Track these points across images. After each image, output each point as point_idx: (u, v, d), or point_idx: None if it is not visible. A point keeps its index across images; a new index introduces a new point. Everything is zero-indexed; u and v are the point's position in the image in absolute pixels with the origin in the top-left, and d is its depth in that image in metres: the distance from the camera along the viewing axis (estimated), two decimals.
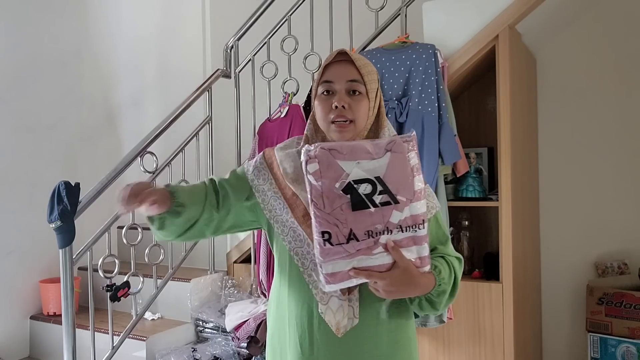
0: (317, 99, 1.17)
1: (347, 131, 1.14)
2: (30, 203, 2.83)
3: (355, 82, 1.14)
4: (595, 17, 2.84)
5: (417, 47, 2.33)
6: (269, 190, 1.20)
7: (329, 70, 1.16)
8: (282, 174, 1.19)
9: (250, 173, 1.24)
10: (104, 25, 3.36)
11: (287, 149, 1.23)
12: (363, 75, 1.14)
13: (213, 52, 4.19)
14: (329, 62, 1.17)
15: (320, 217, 0.98)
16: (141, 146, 2.44)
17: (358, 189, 0.97)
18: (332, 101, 1.14)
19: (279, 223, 1.19)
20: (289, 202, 1.17)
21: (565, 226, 2.90)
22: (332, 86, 1.15)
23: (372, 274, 1.00)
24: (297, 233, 1.16)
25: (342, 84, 1.14)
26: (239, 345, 2.52)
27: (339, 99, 1.13)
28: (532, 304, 2.74)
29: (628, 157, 2.77)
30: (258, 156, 1.26)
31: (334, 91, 1.15)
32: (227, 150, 3.52)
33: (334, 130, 1.14)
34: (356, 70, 1.14)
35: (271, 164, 1.23)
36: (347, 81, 1.14)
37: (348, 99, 1.13)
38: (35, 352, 2.81)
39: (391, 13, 2.59)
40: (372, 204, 0.97)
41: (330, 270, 0.99)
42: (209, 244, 2.95)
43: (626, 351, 2.48)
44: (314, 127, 1.22)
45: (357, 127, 1.14)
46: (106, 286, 2.27)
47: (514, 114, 2.33)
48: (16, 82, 2.83)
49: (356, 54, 1.18)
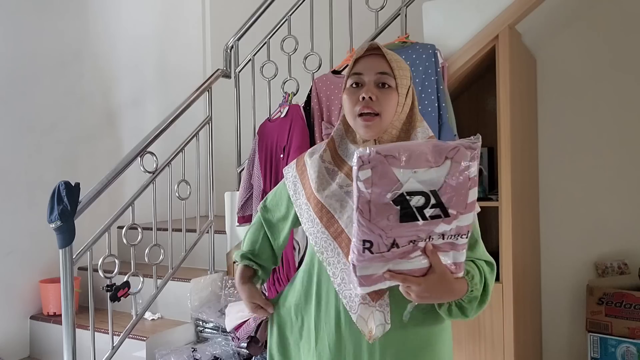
0: (346, 91, 1.15)
1: (374, 125, 1.10)
2: (30, 203, 2.83)
3: (385, 75, 1.11)
4: (595, 17, 2.84)
5: (417, 47, 2.33)
6: (303, 204, 1.21)
7: (359, 63, 1.13)
8: (309, 182, 1.20)
9: (289, 189, 1.28)
10: (104, 25, 3.36)
11: (313, 154, 1.23)
12: (394, 69, 1.11)
13: (213, 52, 4.20)
14: (360, 56, 1.14)
15: (365, 226, 0.90)
16: (141, 146, 2.44)
17: (410, 201, 0.89)
18: (360, 93, 1.11)
19: (309, 233, 1.19)
20: (315, 210, 1.16)
21: (565, 226, 2.90)
22: (361, 78, 1.12)
23: (407, 278, 0.96)
24: (327, 242, 1.14)
25: (372, 76, 1.11)
26: (239, 345, 2.52)
27: (367, 90, 1.10)
28: (532, 304, 2.74)
29: (628, 157, 2.77)
30: (292, 165, 1.29)
31: (362, 83, 1.12)
32: (227, 150, 3.52)
33: (360, 124, 1.11)
34: (387, 63, 1.11)
35: (302, 173, 1.24)
36: (376, 73, 1.11)
37: (376, 91, 1.10)
38: (35, 352, 2.81)
39: (391, 13, 2.59)
40: (422, 217, 0.90)
41: (364, 273, 0.94)
42: (209, 244, 2.95)
43: (626, 351, 2.48)
44: (344, 127, 1.20)
45: (384, 121, 1.11)
46: (106, 286, 2.27)
47: (514, 114, 2.33)
48: (16, 82, 2.83)
49: (388, 49, 1.15)
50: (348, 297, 1.10)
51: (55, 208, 2.01)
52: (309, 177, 1.20)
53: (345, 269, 1.10)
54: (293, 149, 2.57)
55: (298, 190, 1.24)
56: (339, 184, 1.15)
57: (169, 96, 3.66)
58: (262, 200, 2.62)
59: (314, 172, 1.19)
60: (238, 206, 2.79)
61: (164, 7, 3.86)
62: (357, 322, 1.09)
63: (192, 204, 2.84)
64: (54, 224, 2.02)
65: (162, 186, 2.63)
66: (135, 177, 2.76)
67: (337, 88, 2.59)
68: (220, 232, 2.99)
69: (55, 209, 2.01)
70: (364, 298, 1.07)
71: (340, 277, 1.11)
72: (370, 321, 1.08)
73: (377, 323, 1.07)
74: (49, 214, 2.03)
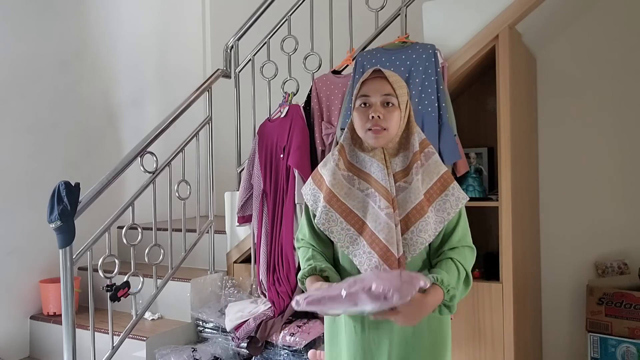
0: (356, 110, 1.37)
1: (382, 137, 1.34)
2: (30, 203, 2.83)
3: (389, 96, 1.34)
4: (595, 17, 2.84)
5: (417, 47, 2.33)
6: (322, 206, 1.39)
7: (365, 86, 1.36)
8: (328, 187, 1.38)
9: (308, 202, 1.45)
10: (103, 25, 3.36)
11: (327, 164, 1.43)
12: (395, 90, 1.34)
13: (213, 52, 4.20)
14: (366, 79, 1.37)
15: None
16: (141, 146, 2.44)
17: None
18: (369, 112, 1.33)
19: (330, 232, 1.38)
20: (339, 212, 1.36)
21: (565, 226, 2.90)
22: (369, 99, 1.34)
23: (386, 315, 1.19)
24: (352, 238, 1.35)
25: (378, 97, 1.34)
26: (239, 345, 2.52)
27: (375, 110, 1.33)
28: (532, 304, 2.74)
29: (628, 157, 2.77)
30: (309, 181, 1.47)
31: (370, 104, 1.34)
32: (227, 150, 3.52)
33: (371, 136, 1.34)
34: (390, 85, 1.34)
35: (320, 183, 1.43)
36: (382, 95, 1.34)
37: (383, 110, 1.33)
38: (35, 352, 2.81)
39: (391, 13, 2.59)
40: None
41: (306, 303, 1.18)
42: (209, 244, 2.95)
43: (626, 351, 2.48)
44: (351, 136, 1.42)
45: (390, 133, 1.34)
46: (106, 286, 2.27)
47: (514, 114, 2.33)
48: (16, 82, 2.83)
49: (388, 71, 1.38)
50: None
51: (55, 208, 2.01)
52: (327, 184, 1.39)
53: (370, 256, 1.30)
54: (293, 149, 2.57)
55: (317, 199, 1.42)
56: (359, 189, 1.37)
57: (169, 96, 3.66)
58: (262, 197, 2.62)
59: (332, 178, 1.38)
60: (238, 206, 2.79)
61: (164, 7, 3.86)
62: None
63: (192, 204, 2.84)
64: (54, 224, 2.02)
65: (162, 186, 2.63)
66: (135, 177, 2.76)
67: (337, 88, 2.59)
68: (220, 232, 2.99)
69: (55, 209, 2.01)
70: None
71: (366, 264, 1.31)
72: None
73: None
74: (49, 214, 2.03)
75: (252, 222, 2.77)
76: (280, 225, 2.61)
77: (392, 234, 1.29)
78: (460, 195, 1.37)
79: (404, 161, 1.37)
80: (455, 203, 1.36)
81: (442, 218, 1.34)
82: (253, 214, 2.74)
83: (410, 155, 1.36)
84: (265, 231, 2.66)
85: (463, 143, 2.37)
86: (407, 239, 1.31)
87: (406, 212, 1.32)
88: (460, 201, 1.37)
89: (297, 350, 2.38)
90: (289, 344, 2.38)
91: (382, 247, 1.29)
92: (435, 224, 1.33)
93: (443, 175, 1.38)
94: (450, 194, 1.36)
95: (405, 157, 1.37)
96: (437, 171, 1.38)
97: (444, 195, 1.35)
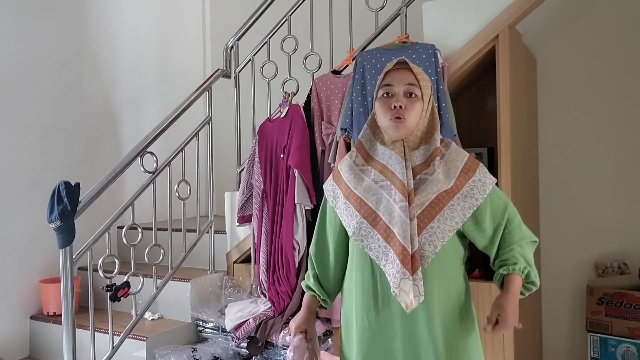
0: (378, 100, 1.36)
1: (402, 127, 1.32)
2: (30, 203, 2.83)
3: (412, 86, 1.33)
4: (595, 17, 2.84)
5: (417, 47, 2.33)
6: (342, 203, 1.40)
7: (389, 76, 1.35)
8: (345, 183, 1.41)
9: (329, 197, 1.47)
10: (103, 25, 3.36)
11: (344, 161, 1.44)
12: (419, 81, 1.33)
13: (213, 52, 4.20)
14: (389, 69, 1.36)
15: None
16: (141, 146, 2.44)
17: None
18: (391, 102, 1.32)
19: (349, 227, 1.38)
20: (354, 205, 1.37)
21: (565, 226, 2.90)
22: (392, 89, 1.34)
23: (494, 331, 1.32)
24: (367, 231, 1.34)
25: (401, 87, 1.33)
26: (239, 345, 2.52)
27: (397, 99, 1.32)
28: (532, 303, 2.74)
29: (628, 157, 2.77)
30: (329, 178, 1.49)
31: (393, 93, 1.34)
32: (227, 150, 3.52)
33: (391, 126, 1.33)
34: (413, 76, 1.33)
35: (338, 180, 1.44)
36: (405, 84, 1.33)
37: (405, 100, 1.32)
38: (35, 352, 2.81)
39: (391, 13, 2.59)
40: None
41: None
42: (209, 244, 2.95)
43: (626, 351, 2.48)
44: (372, 130, 1.42)
45: (411, 124, 1.33)
46: (106, 286, 2.27)
47: (514, 114, 2.33)
48: (16, 82, 2.83)
49: (413, 63, 1.37)
50: (391, 274, 1.29)
51: (55, 208, 2.01)
52: (344, 180, 1.41)
53: (385, 251, 1.31)
54: (293, 149, 2.57)
55: (337, 195, 1.44)
56: (374, 180, 1.36)
57: (169, 96, 3.66)
58: (262, 197, 2.61)
59: (348, 174, 1.40)
60: (238, 206, 2.79)
61: (164, 7, 3.86)
62: (400, 295, 1.27)
63: (192, 204, 2.84)
64: (54, 224, 2.01)
65: (162, 186, 2.63)
66: (135, 177, 2.76)
67: (337, 88, 2.59)
68: (220, 232, 2.99)
69: (55, 209, 2.01)
70: (404, 273, 1.27)
71: (384, 259, 1.31)
72: (411, 293, 1.26)
73: (414, 294, 1.27)
74: (49, 214, 2.03)
75: (252, 222, 2.77)
76: (280, 225, 2.61)
77: (405, 227, 1.28)
78: (487, 180, 1.35)
79: (425, 154, 1.36)
80: (482, 188, 1.33)
81: (470, 204, 1.32)
82: (253, 214, 2.74)
83: (432, 149, 1.35)
84: (265, 231, 2.66)
85: (463, 143, 2.37)
86: (428, 231, 1.29)
87: (427, 203, 1.30)
88: (487, 186, 1.34)
89: None
90: (289, 344, 2.38)
91: (395, 241, 1.28)
92: (462, 210, 1.31)
93: (467, 163, 1.36)
94: (477, 180, 1.34)
95: (426, 150, 1.36)
96: (460, 158, 1.36)
97: (471, 182, 1.33)
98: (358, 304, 1.39)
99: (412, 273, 1.27)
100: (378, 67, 2.38)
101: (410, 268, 1.26)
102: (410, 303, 1.27)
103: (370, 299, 1.36)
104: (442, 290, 1.33)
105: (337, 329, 2.29)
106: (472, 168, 1.35)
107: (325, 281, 1.52)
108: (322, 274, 1.52)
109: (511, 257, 1.35)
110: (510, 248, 1.36)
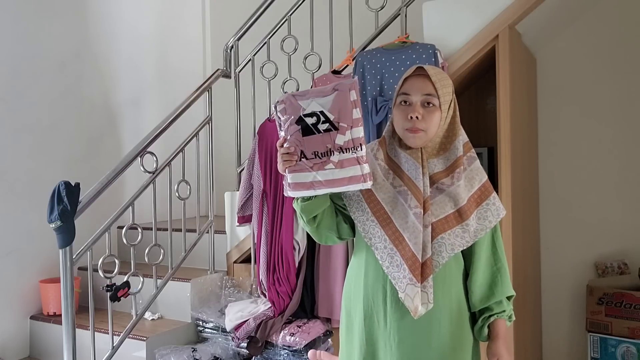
0: (396, 108, 1.35)
1: (419, 137, 1.31)
2: (30, 203, 2.83)
3: (429, 96, 1.30)
4: (595, 17, 2.84)
5: (417, 47, 2.33)
6: (354, 195, 1.37)
7: (407, 83, 1.33)
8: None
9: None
10: (103, 25, 3.36)
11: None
12: (437, 90, 1.30)
13: (213, 52, 4.20)
14: (408, 76, 1.33)
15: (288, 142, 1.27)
16: (141, 146, 2.44)
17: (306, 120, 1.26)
18: (408, 112, 1.30)
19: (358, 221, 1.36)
20: (367, 202, 1.35)
21: (565, 226, 2.90)
22: (409, 98, 1.31)
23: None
24: (375, 230, 1.33)
25: (418, 97, 1.30)
26: (239, 345, 2.52)
27: (414, 110, 1.30)
28: (532, 304, 2.74)
29: (628, 157, 2.77)
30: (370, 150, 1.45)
31: (410, 102, 1.31)
32: (227, 150, 3.52)
33: (408, 136, 1.32)
34: (432, 84, 1.30)
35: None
36: (422, 94, 1.30)
37: (422, 110, 1.30)
38: (35, 352, 2.81)
39: (391, 13, 2.59)
40: (317, 131, 1.26)
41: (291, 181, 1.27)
42: (209, 244, 2.95)
43: (626, 351, 2.48)
44: (392, 130, 1.39)
45: (428, 135, 1.32)
46: (106, 286, 2.27)
47: (514, 114, 2.33)
48: (16, 82, 2.83)
49: (432, 68, 1.32)
50: (397, 278, 1.28)
51: (55, 208, 2.01)
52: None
53: (392, 253, 1.29)
54: None
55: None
56: (392, 184, 1.36)
57: (169, 96, 3.66)
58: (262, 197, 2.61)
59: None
60: (238, 206, 2.79)
61: (164, 7, 3.86)
62: (405, 300, 1.26)
63: (192, 204, 2.84)
64: (54, 224, 2.02)
65: (162, 186, 2.63)
66: (135, 177, 2.76)
67: None
68: (220, 232, 2.99)
69: (55, 209, 2.01)
70: (410, 279, 1.26)
71: (388, 261, 1.30)
72: (417, 299, 1.25)
73: (422, 301, 1.25)
74: (49, 214, 2.03)
75: (252, 222, 2.77)
76: (280, 225, 2.61)
77: (416, 234, 1.27)
78: (500, 207, 1.35)
79: (445, 163, 1.34)
80: (496, 213, 1.33)
81: (483, 226, 1.32)
82: (253, 214, 2.74)
83: (453, 158, 1.34)
84: (265, 231, 2.67)
85: None
86: (438, 242, 1.28)
87: (444, 214, 1.29)
88: (501, 212, 1.35)
89: (297, 350, 2.38)
90: (289, 344, 2.38)
91: (405, 246, 1.27)
92: (475, 231, 1.31)
93: (485, 184, 1.36)
94: (492, 203, 1.34)
95: (446, 159, 1.35)
96: (479, 178, 1.35)
97: (485, 204, 1.33)
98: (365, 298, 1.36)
99: (421, 280, 1.26)
100: (378, 67, 2.38)
101: (419, 275, 1.25)
102: (415, 309, 1.25)
103: (379, 296, 1.34)
104: (445, 297, 1.32)
105: (337, 329, 2.29)
106: (489, 191, 1.35)
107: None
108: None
109: (495, 305, 1.35)
110: (493, 293, 1.35)
